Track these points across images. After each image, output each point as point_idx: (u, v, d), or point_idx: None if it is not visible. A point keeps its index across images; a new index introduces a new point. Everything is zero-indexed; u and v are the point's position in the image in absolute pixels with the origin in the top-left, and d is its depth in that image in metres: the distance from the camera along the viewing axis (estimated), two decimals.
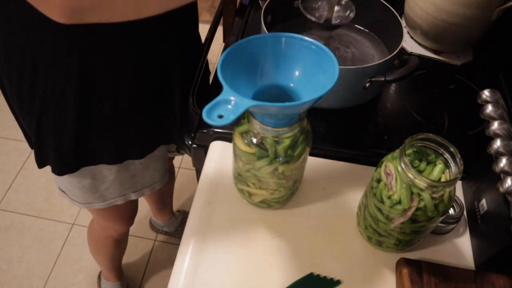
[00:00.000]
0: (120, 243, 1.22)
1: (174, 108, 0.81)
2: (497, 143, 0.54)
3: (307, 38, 0.50)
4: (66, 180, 0.83)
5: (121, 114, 0.74)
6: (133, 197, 0.91)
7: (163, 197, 1.40)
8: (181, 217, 1.56)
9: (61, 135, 0.72)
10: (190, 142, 0.79)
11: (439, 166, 0.55)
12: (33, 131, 0.73)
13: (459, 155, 0.52)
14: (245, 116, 0.58)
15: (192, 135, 0.79)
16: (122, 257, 1.35)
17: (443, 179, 0.55)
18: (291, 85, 0.53)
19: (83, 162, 0.79)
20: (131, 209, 1.04)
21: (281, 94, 0.54)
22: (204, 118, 0.41)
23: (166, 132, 0.85)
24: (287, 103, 0.48)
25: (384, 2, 0.83)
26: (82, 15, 0.43)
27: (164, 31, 0.70)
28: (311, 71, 0.51)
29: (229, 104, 0.43)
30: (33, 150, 0.79)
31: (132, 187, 0.89)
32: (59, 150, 0.75)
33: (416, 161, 0.56)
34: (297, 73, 0.53)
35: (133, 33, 0.66)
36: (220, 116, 0.41)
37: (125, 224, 1.09)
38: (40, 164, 0.80)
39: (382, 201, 0.56)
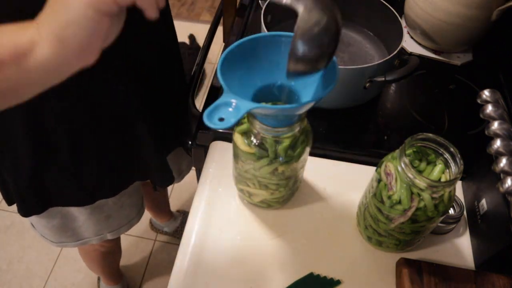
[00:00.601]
0: (110, 254, 1.19)
1: (141, 149, 0.77)
2: (497, 143, 0.54)
3: None
4: (34, 220, 0.80)
5: (83, 160, 0.71)
6: (109, 237, 0.88)
7: (157, 202, 1.39)
8: (181, 217, 1.56)
9: (20, 179, 0.70)
10: (190, 142, 0.79)
11: (439, 166, 0.55)
12: None
13: (459, 155, 0.52)
14: (245, 116, 0.58)
15: (192, 135, 0.78)
16: (117, 265, 1.33)
17: (443, 179, 0.54)
18: (291, 85, 0.53)
19: (48, 203, 0.75)
20: None
21: (281, 93, 0.54)
22: (205, 121, 0.40)
23: (138, 170, 0.81)
24: (287, 105, 0.48)
25: (384, 2, 0.83)
26: None
27: (121, 69, 0.65)
28: None
29: (229, 106, 0.42)
30: None
31: (108, 228, 0.86)
32: (20, 192, 0.72)
33: (416, 161, 0.56)
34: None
35: (84, 77, 0.59)
36: (221, 119, 0.41)
37: (110, 240, 1.05)
38: (8, 202, 0.77)
39: (382, 201, 0.56)
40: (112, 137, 0.71)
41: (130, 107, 0.70)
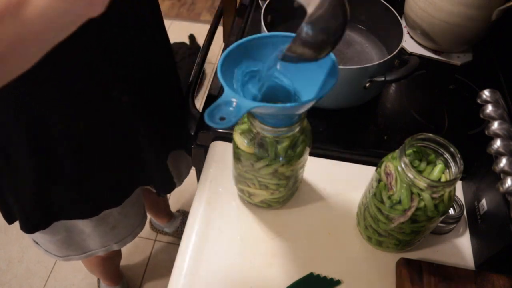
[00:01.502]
0: (111, 259, 1.19)
1: (144, 157, 0.77)
2: (497, 143, 0.54)
3: None
4: (38, 236, 0.78)
5: (86, 172, 0.70)
6: (115, 247, 0.88)
7: (156, 204, 1.38)
8: (181, 217, 1.56)
9: (24, 197, 0.69)
10: (190, 142, 0.79)
11: (439, 166, 0.55)
12: None
13: (459, 155, 0.52)
14: (245, 116, 0.58)
15: (192, 135, 0.78)
16: (117, 267, 1.33)
17: (443, 179, 0.54)
18: (291, 85, 0.53)
19: (52, 218, 0.74)
20: None
21: (281, 93, 0.54)
22: (206, 120, 0.40)
23: (140, 177, 0.82)
24: (287, 104, 0.48)
25: (384, 2, 0.83)
26: None
27: (123, 81, 0.65)
28: (311, 71, 0.51)
29: (230, 106, 0.42)
30: None
31: (113, 239, 0.86)
32: (23, 210, 0.71)
33: (416, 161, 0.56)
34: (296, 73, 0.53)
35: (84, 87, 0.61)
36: (222, 118, 0.41)
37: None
38: (9, 220, 0.76)
39: (382, 201, 0.56)
40: (115, 146, 0.71)
41: (133, 116, 0.70)
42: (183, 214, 1.58)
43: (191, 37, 2.10)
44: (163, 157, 0.83)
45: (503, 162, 0.52)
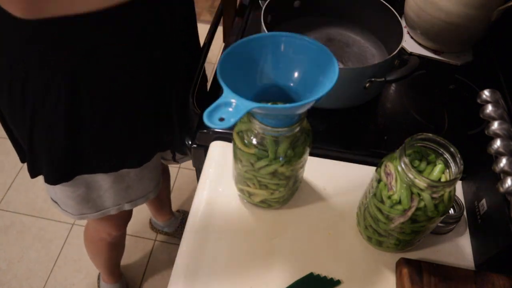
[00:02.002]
0: (115, 246, 1.21)
1: (171, 113, 0.80)
2: (497, 143, 0.54)
3: (307, 38, 0.50)
4: (59, 190, 0.82)
5: (115, 126, 0.73)
6: (126, 207, 0.91)
7: (160, 197, 1.40)
8: (181, 217, 1.56)
9: (53, 146, 0.72)
10: (190, 142, 0.79)
11: (439, 166, 0.55)
12: (26, 141, 0.72)
13: (459, 155, 0.52)
14: (245, 116, 0.58)
15: (192, 135, 0.78)
16: (119, 261, 1.34)
17: (443, 179, 0.54)
18: (291, 85, 0.53)
19: (77, 171, 0.77)
20: (124, 215, 1.02)
21: (281, 94, 0.54)
22: (205, 121, 0.41)
23: (163, 137, 0.84)
24: (287, 105, 0.48)
25: (384, 2, 0.83)
26: (40, 7, 0.43)
27: (156, 36, 0.69)
28: (311, 71, 0.51)
29: (229, 106, 0.42)
30: None
31: (126, 198, 0.88)
32: (52, 160, 0.73)
33: (416, 161, 0.56)
34: (296, 73, 0.53)
35: (123, 40, 0.65)
36: (221, 119, 0.41)
37: (118, 228, 1.08)
38: (33, 174, 0.78)
39: (382, 201, 0.56)
40: (145, 102, 0.74)
41: (164, 73, 0.73)
42: (183, 214, 1.58)
43: None
44: (187, 118, 0.85)
45: (503, 162, 0.52)
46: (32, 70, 0.63)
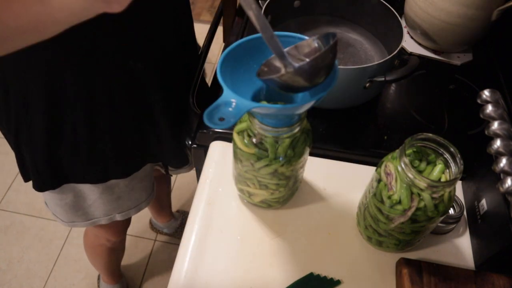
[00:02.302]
0: (115, 251, 1.21)
1: (156, 124, 0.78)
2: (497, 143, 0.54)
3: (307, 38, 0.50)
4: (48, 196, 0.81)
5: (98, 137, 0.72)
6: (118, 218, 0.89)
7: (160, 199, 1.40)
8: (181, 218, 1.56)
9: (36, 154, 0.71)
10: (190, 142, 0.79)
11: (439, 166, 0.55)
12: (13, 145, 0.73)
13: (459, 155, 0.52)
14: (245, 116, 0.58)
15: (192, 135, 0.78)
16: (119, 263, 1.34)
17: (443, 179, 0.54)
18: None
19: (63, 179, 0.76)
20: (123, 221, 1.01)
21: (281, 93, 0.54)
22: (205, 121, 0.41)
23: (151, 151, 0.83)
24: (287, 105, 0.48)
25: (384, 2, 0.83)
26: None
27: (137, 47, 0.67)
28: None
29: (229, 106, 0.42)
30: None
31: (117, 209, 0.87)
32: (36, 167, 0.73)
33: (416, 161, 0.56)
34: None
35: (101, 49, 0.63)
36: (221, 119, 0.41)
37: (117, 235, 1.08)
38: (25, 178, 0.78)
39: (382, 201, 0.56)
40: (128, 114, 0.72)
41: (147, 85, 0.71)
42: (183, 214, 1.58)
43: None
44: (179, 134, 0.83)
45: (503, 162, 0.52)
46: (10, 79, 0.63)
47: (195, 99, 0.82)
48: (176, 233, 1.56)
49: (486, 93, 0.57)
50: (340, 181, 0.72)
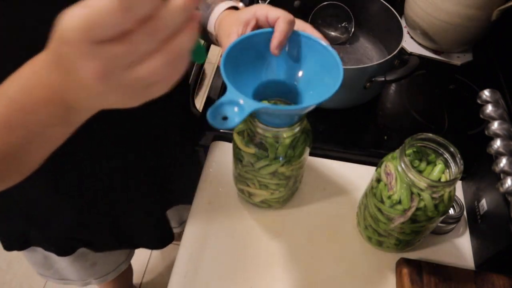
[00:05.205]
0: (121, 277, 1.06)
1: (131, 213, 0.71)
2: (497, 143, 0.54)
3: (313, 37, 0.49)
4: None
5: (58, 211, 0.65)
6: (95, 283, 0.83)
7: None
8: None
9: (2, 222, 0.67)
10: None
11: (439, 166, 0.55)
12: None
13: (459, 155, 0.52)
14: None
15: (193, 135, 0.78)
16: (131, 283, 1.23)
17: (443, 179, 0.54)
18: (295, 82, 0.53)
19: (27, 244, 0.71)
20: (123, 275, 0.91)
21: (284, 90, 0.53)
22: (209, 119, 0.38)
23: (127, 237, 0.75)
24: (292, 106, 0.47)
25: (384, 2, 0.83)
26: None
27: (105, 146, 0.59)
28: (315, 70, 0.51)
29: (235, 105, 0.40)
30: None
31: (93, 275, 0.81)
32: (1, 229, 0.69)
33: (416, 161, 0.56)
34: (300, 71, 0.52)
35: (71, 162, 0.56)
36: (224, 118, 0.39)
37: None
38: None
39: (382, 201, 0.56)
40: (96, 200, 0.66)
41: (123, 181, 0.65)
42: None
43: None
44: (158, 215, 0.78)
45: (503, 162, 0.52)
46: None
47: (193, 99, 0.82)
48: (178, 237, 1.55)
49: (486, 93, 0.57)
50: (340, 181, 0.72)
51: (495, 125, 0.55)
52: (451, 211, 0.65)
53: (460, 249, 0.65)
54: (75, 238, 0.71)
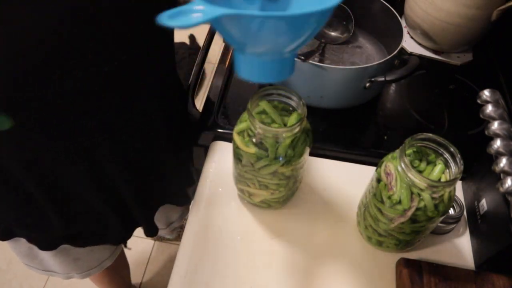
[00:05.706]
0: (118, 270, 1.09)
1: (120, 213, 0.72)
2: (497, 143, 0.54)
3: None
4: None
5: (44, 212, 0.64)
6: (78, 277, 0.83)
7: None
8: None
9: None
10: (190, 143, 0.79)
11: (439, 166, 0.55)
12: None
13: (459, 155, 0.52)
14: (245, 115, 0.58)
15: (192, 135, 0.78)
16: (129, 282, 1.23)
17: (443, 179, 0.54)
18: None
19: (11, 234, 0.71)
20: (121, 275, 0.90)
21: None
22: (163, 21, 0.32)
23: (109, 234, 0.74)
24: (276, 12, 0.36)
25: (384, 2, 0.83)
26: None
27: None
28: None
29: (195, 13, 0.33)
30: None
31: (76, 269, 0.81)
32: None
33: (416, 161, 0.56)
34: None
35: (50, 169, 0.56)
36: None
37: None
38: None
39: (382, 201, 0.56)
40: (87, 195, 0.65)
41: (115, 175, 0.65)
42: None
43: (191, 37, 2.10)
44: (147, 215, 0.78)
45: (503, 162, 0.52)
46: None
47: (193, 99, 0.82)
48: (179, 237, 1.55)
49: (486, 93, 0.57)
50: (340, 181, 0.72)
51: (495, 125, 0.55)
52: (451, 211, 0.65)
53: (460, 249, 0.65)
54: (59, 236, 0.71)
